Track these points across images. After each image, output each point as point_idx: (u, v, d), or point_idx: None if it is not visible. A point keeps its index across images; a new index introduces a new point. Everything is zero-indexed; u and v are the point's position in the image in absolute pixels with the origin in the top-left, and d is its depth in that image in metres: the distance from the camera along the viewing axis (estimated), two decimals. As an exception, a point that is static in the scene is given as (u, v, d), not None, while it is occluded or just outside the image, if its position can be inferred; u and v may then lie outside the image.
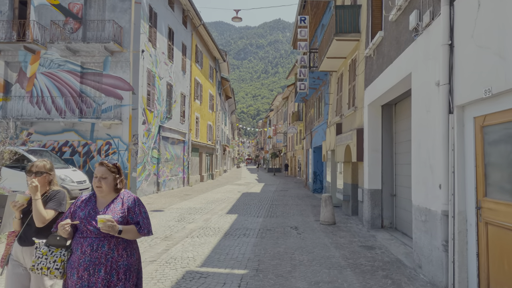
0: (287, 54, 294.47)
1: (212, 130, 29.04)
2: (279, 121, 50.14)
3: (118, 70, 14.82)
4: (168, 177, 18.33)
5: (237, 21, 14.87)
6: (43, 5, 15.11)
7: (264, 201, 14.12)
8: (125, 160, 14.56)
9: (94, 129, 14.77)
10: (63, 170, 11.29)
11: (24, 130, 14.89)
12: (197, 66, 23.95)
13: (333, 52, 10.86)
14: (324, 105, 15.42)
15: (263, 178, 33.91)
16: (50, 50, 15.00)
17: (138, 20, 14.82)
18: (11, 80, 15.25)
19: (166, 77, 17.90)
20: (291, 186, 23.38)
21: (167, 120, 18.08)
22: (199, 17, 22.04)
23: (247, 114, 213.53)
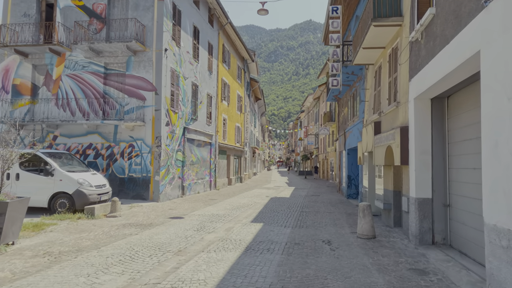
0: (318, 55, 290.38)
1: (240, 132, 28.27)
2: (310, 123, 48.63)
3: (141, 70, 14.34)
4: (194, 180, 17.68)
5: (263, 13, 13.94)
6: (68, 6, 14.99)
7: (293, 208, 13.01)
8: (148, 163, 14.01)
9: (117, 131, 14.37)
10: (82, 173, 10.84)
11: (50, 133, 14.79)
12: (224, 66, 23.27)
13: (370, 41, 9.60)
14: (359, 103, 14.07)
15: (293, 181, 32.68)
16: (74, 52, 14.82)
17: (161, 17, 14.28)
18: (38, 83, 15.24)
19: (191, 77, 17.29)
20: (323, 190, 22.02)
21: (192, 121, 17.45)
22: (226, 16, 21.35)
23: (278, 116, 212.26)
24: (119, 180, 14.16)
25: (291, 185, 27.14)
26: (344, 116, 18.31)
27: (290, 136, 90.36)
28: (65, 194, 10.19)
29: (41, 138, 14.83)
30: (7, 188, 10.19)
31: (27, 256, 5.92)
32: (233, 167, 26.20)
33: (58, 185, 10.19)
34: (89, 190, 10.41)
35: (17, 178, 10.25)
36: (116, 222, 9.27)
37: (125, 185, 14.12)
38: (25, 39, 14.98)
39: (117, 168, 14.24)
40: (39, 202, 10.20)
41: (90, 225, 8.77)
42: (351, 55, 14.30)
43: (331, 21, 13.42)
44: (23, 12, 15.31)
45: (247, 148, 32.25)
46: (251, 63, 30.76)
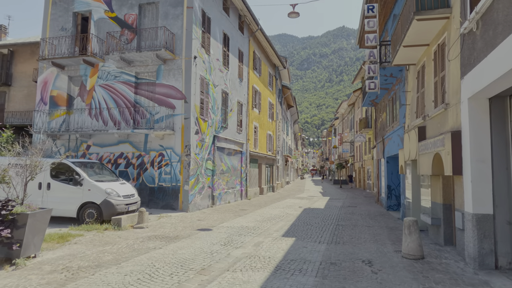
0: (352, 61, 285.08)
1: (272, 140, 27.68)
2: (345, 130, 47.08)
3: (170, 78, 14.24)
4: (224, 190, 17.26)
5: (294, 16, 13.37)
6: (101, 18, 15.30)
7: (328, 220, 12.14)
8: (177, 172, 13.77)
9: (148, 140, 14.30)
10: (111, 183, 10.71)
11: (84, 142, 15.03)
12: (255, 73, 22.90)
13: (412, 38, 8.71)
14: (399, 107, 13.01)
15: (328, 191, 31.45)
16: (107, 62, 15.04)
17: (190, 25, 14.14)
18: (73, 94, 15.61)
19: (221, 84, 17.02)
20: (360, 201, 20.79)
21: (222, 129, 17.11)
22: (256, 22, 21.03)
23: (311, 124, 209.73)
24: (149, 189, 14.03)
25: (325, 195, 26.04)
26: (382, 121, 17.18)
27: (324, 144, 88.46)
28: (93, 204, 10.07)
29: (75, 148, 15.10)
30: (38, 197, 10.30)
31: (45, 272, 5.64)
32: (265, 176, 25.59)
33: (86, 195, 10.10)
34: (117, 200, 10.23)
35: (48, 188, 10.29)
36: (142, 234, 8.95)
37: (155, 195, 13.95)
38: (62, 52, 15.44)
39: (147, 177, 14.12)
40: (68, 212, 10.16)
41: (115, 237, 8.50)
42: (389, 56, 13.33)
43: (367, 21, 12.58)
44: (61, 26, 15.84)
45: (279, 156, 31.56)
46: (283, 70, 30.23)
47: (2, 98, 24.33)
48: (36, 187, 10.30)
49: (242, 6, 19.28)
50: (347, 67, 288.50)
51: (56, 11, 15.99)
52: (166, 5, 14.53)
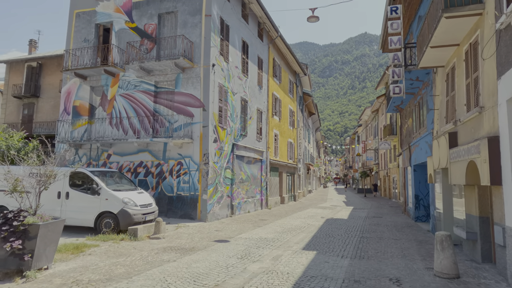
0: (375, 67, 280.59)
1: (293, 148, 27.19)
2: (368, 137, 45.87)
3: (189, 86, 14.17)
4: (244, 199, 16.91)
5: (313, 20, 13.01)
6: (122, 29, 15.52)
7: (352, 232, 11.52)
8: (195, 181, 13.57)
9: (166, 148, 14.22)
10: (128, 192, 10.61)
11: (105, 151, 15.15)
12: (275, 81, 22.62)
13: (441, 37, 8.15)
14: (426, 112, 12.31)
15: (351, 200, 30.47)
16: (127, 72, 15.19)
17: (208, 33, 14.07)
18: (95, 103, 15.84)
19: (240, 92, 16.82)
20: (386, 211, 19.88)
21: (241, 137, 16.85)
22: (276, 29, 20.83)
23: (333, 131, 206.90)
24: (167, 198, 13.89)
25: (349, 204, 25.18)
26: (408, 128, 16.39)
27: (347, 151, 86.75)
28: (110, 213, 9.97)
29: (96, 157, 15.25)
30: (57, 206, 10.32)
31: (55, 285, 5.46)
32: (286, 184, 25.08)
33: (104, 204, 10.03)
34: (134, 209, 10.09)
35: (67, 197, 10.30)
36: (157, 245, 8.73)
37: (173, 204, 13.79)
38: (84, 63, 15.74)
39: (166, 186, 14.01)
40: (86, 222, 10.11)
41: (131, 248, 8.31)
42: (414, 59, 12.70)
43: (390, 23, 12.04)
44: (84, 38, 16.20)
45: (301, 164, 30.97)
46: (303, 76, 29.82)
47: (31, 109, 25.24)
48: (55, 196, 10.35)
49: (261, 14, 19.14)
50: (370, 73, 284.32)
51: (79, 24, 16.39)
52: (184, 14, 14.56)
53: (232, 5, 16.20)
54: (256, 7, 18.47)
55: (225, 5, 15.40)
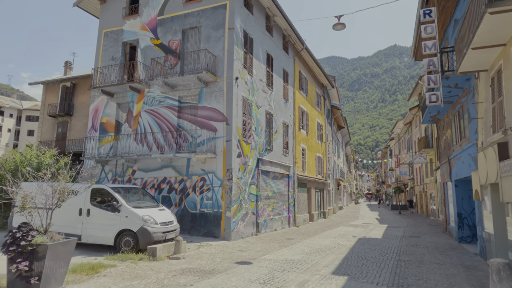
0: (406, 80, 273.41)
1: (321, 162, 26.23)
2: (401, 151, 43.85)
3: (212, 100, 13.91)
4: (270, 216, 16.20)
5: (339, 28, 12.43)
6: (147, 46, 15.67)
7: (387, 254, 10.50)
8: (219, 198, 13.09)
9: (190, 164, 13.92)
10: (149, 209, 10.28)
11: (129, 167, 15.09)
12: (302, 94, 22.05)
13: (484, 37, 7.31)
14: (468, 122, 11.22)
15: (385, 217, 28.79)
16: (152, 88, 15.21)
17: (232, 46, 13.84)
18: (121, 120, 15.95)
19: (264, 105, 16.39)
20: (424, 230, 18.39)
21: (267, 152, 16.30)
22: (301, 41, 20.40)
23: (364, 146, 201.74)
24: (191, 215, 13.49)
25: (383, 222, 23.70)
26: (447, 140, 15.17)
27: (379, 166, 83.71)
28: (130, 231, 9.64)
29: (121, 173, 15.21)
30: (78, 224, 10.15)
31: (60, 311, 5.05)
32: (315, 201, 24.06)
33: (124, 222, 9.72)
34: (154, 227, 9.71)
35: (88, 214, 10.12)
36: (176, 266, 8.23)
37: (196, 221, 13.35)
38: (111, 80, 15.98)
39: (189, 203, 13.63)
40: (106, 240, 9.83)
41: (148, 269, 7.86)
42: (452, 64, 11.74)
43: (424, 27, 11.21)
44: (111, 56, 16.52)
45: (331, 180, 29.82)
46: (331, 89, 29.05)
47: (64, 127, 26.13)
48: (76, 213, 10.20)
49: (286, 26, 18.82)
50: (400, 86, 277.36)
51: (107, 42, 16.78)
52: (208, 29, 14.47)
53: (256, 18, 15.99)
54: (281, 20, 18.19)
55: (248, 18, 15.21)
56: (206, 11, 14.67)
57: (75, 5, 16.90)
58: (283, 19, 18.07)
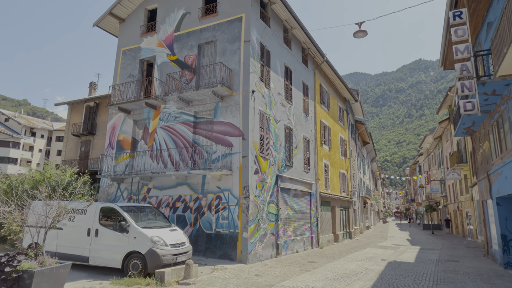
0: (433, 94, 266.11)
1: (346, 179, 25.00)
2: (432, 167, 41.62)
3: (228, 115, 13.39)
4: (291, 237, 15.21)
5: (361, 36, 11.71)
6: (164, 62, 15.53)
7: (423, 281, 9.30)
8: (235, 217, 12.34)
9: (205, 181, 13.33)
10: (159, 230, 9.68)
11: (145, 185, 14.69)
12: (323, 108, 21.25)
13: (529, 32, 6.37)
14: (510, 132, 10.04)
15: (417, 237, 26.87)
16: (168, 104, 14.93)
17: (248, 59, 13.39)
18: (137, 137, 15.72)
19: (283, 120, 15.71)
20: (462, 253, 16.73)
21: (286, 168, 15.49)
22: (322, 54, 19.78)
23: (391, 162, 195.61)
24: (206, 236, 12.78)
25: (414, 243, 22.00)
26: (484, 153, 13.83)
27: (407, 183, 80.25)
28: (138, 254, 9.04)
29: (137, 191, 14.83)
30: (86, 245, 9.67)
31: None
32: (340, 220, 22.77)
33: (132, 243, 9.15)
34: (163, 250, 9.06)
35: (96, 235, 9.64)
36: (184, 294, 7.49)
37: (212, 242, 12.61)
38: (127, 97, 15.88)
39: (204, 222, 12.95)
40: (113, 262, 9.27)
41: (152, 297, 7.16)
42: (487, 69, 10.69)
43: (454, 30, 10.31)
44: (129, 73, 16.51)
45: (356, 198, 28.38)
46: (354, 103, 28.05)
47: (87, 146, 26.45)
48: (85, 234, 9.75)
49: (304, 39, 18.31)
50: (427, 100, 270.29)
51: (125, 60, 16.82)
52: (223, 42, 14.15)
53: (273, 31, 15.57)
54: (299, 32, 17.70)
55: (265, 30, 14.79)
56: (221, 25, 14.40)
57: (95, 25, 17.17)
58: (302, 31, 17.58)
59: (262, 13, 14.96)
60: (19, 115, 62.67)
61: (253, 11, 14.05)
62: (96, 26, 17.28)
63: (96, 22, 17.16)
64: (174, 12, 15.91)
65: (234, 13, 14.21)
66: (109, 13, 16.94)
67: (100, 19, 17.08)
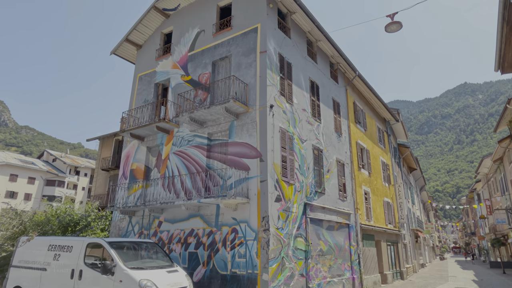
0: (483, 118, 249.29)
1: (391, 209, 21.86)
2: (493, 194, 36.50)
3: (244, 134, 11.72)
4: (326, 279, 12.64)
5: (394, 29, 9.75)
6: (178, 84, 14.48)
7: None
8: (253, 254, 10.24)
9: (219, 212, 11.48)
10: (153, 271, 7.87)
11: (156, 218, 13.13)
12: (359, 128, 18.98)
13: None
14: None
15: (486, 278, 22.46)
16: (181, 127, 13.64)
17: (264, 71, 11.86)
18: (151, 165, 14.45)
19: (311, 139, 13.73)
20: (553, 300, 12.98)
21: (317, 195, 13.26)
22: (353, 69, 17.89)
23: (443, 192, 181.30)
24: (220, 278, 10.71)
25: (484, 286, 18.07)
26: None
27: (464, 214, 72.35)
28: (124, 302, 7.24)
29: (147, 225, 13.28)
30: (68, 290, 8.06)
31: None
32: (387, 257, 19.52)
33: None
34: (153, 297, 7.19)
35: (79, 277, 8.02)
36: None
37: (227, 285, 10.50)
38: (141, 123, 14.87)
39: (218, 261, 10.95)
40: (96, 312, 7.52)
41: None
42: None
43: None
44: (144, 98, 15.64)
45: (406, 230, 24.79)
46: (395, 123, 25.31)
47: (115, 180, 25.89)
48: (68, 276, 8.17)
49: (332, 52, 16.63)
50: (478, 125, 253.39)
51: (141, 86, 16.06)
52: (238, 56, 12.83)
53: (294, 42, 14.07)
54: (325, 45, 16.09)
55: (284, 41, 13.33)
56: (236, 39, 13.18)
57: (112, 53, 16.80)
58: (328, 43, 15.95)
59: (280, 23, 13.61)
60: (65, 155, 65.81)
61: (270, 21, 12.71)
62: (114, 54, 16.90)
63: (113, 50, 16.79)
64: (188, 32, 15.07)
65: (249, 24, 12.97)
66: (125, 40, 16.52)
67: (117, 46, 16.70)
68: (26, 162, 57.33)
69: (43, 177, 57.80)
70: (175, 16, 16.03)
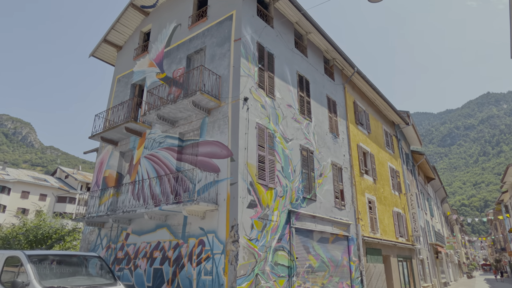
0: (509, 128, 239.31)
1: (403, 220, 19.63)
2: (522, 205, 33.26)
3: (215, 132, 10.26)
4: (318, 300, 10.73)
5: None
6: (153, 82, 13.29)
7: None
8: (220, 271, 8.57)
9: (187, 221, 9.93)
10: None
11: (124, 230, 11.69)
12: (361, 130, 17.18)
13: None
14: None
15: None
16: (153, 129, 12.32)
17: (238, 59, 10.47)
18: (123, 171, 13.14)
19: (298, 138, 12.11)
20: None
21: (305, 202, 11.52)
22: (351, 64, 16.30)
23: (470, 206, 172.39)
24: (184, 299, 9.06)
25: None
26: None
27: (493, 228, 67.50)
28: (32, 331, 5.73)
29: (115, 238, 11.85)
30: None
31: None
32: (399, 275, 17.24)
33: (25, 314, 5.91)
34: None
35: (-8, 298, 6.60)
36: None
37: (192, 309, 8.82)
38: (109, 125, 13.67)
39: (183, 279, 9.32)
40: None
41: None
42: None
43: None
44: (120, 101, 14.51)
45: (422, 245, 22.33)
46: (406, 127, 23.27)
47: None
48: (-19, 297, 6.76)
49: (326, 46, 15.15)
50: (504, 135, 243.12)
51: (118, 88, 14.99)
52: (212, 47, 11.53)
53: (278, 32, 12.68)
54: (318, 38, 14.65)
55: (265, 30, 11.96)
56: (211, 29, 11.92)
57: (91, 55, 15.88)
58: (321, 36, 14.51)
59: (261, 11, 12.31)
60: (77, 172, 66.00)
61: (247, 7, 11.41)
62: (92, 56, 15.98)
63: (92, 52, 15.88)
64: (166, 28, 13.97)
65: (224, 12, 11.71)
66: (104, 41, 15.60)
67: (95, 48, 15.80)
68: (38, 179, 57.63)
69: (55, 193, 57.82)
70: (154, 13, 15.03)
